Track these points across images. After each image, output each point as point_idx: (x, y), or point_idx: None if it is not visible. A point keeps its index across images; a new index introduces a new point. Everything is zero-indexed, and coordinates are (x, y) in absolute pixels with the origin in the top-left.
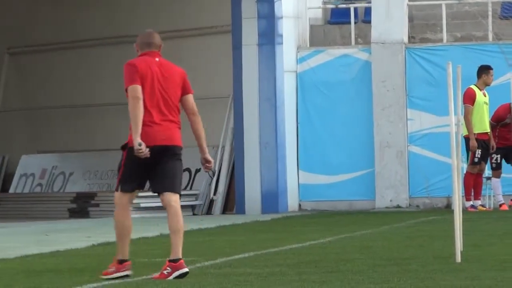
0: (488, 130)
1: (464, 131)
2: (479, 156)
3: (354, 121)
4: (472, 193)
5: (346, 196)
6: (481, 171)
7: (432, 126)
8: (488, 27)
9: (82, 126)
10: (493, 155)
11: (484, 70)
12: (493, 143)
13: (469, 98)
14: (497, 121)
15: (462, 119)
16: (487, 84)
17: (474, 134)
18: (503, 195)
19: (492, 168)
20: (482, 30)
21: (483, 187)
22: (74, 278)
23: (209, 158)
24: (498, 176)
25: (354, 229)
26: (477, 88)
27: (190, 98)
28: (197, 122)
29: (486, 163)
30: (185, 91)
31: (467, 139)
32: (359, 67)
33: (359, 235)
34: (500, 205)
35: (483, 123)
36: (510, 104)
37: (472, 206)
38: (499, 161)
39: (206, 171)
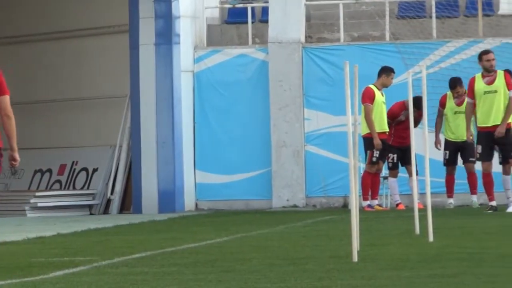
0: (387, 129)
1: (362, 131)
2: (377, 156)
3: (251, 121)
4: (370, 193)
5: (242, 195)
6: (379, 170)
7: (329, 125)
8: (385, 26)
9: None
10: (389, 155)
11: (385, 71)
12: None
13: (368, 97)
14: (392, 118)
15: (359, 118)
16: (385, 86)
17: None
18: (400, 195)
19: (389, 168)
20: (379, 29)
21: (380, 186)
22: None
23: (17, 157)
24: (395, 176)
25: (251, 228)
26: (375, 88)
27: (4, 99)
28: (9, 124)
29: (384, 162)
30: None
31: (365, 138)
32: (256, 66)
33: (255, 234)
34: (397, 205)
35: (382, 123)
36: (404, 101)
37: (369, 205)
38: (395, 161)
39: (9, 168)
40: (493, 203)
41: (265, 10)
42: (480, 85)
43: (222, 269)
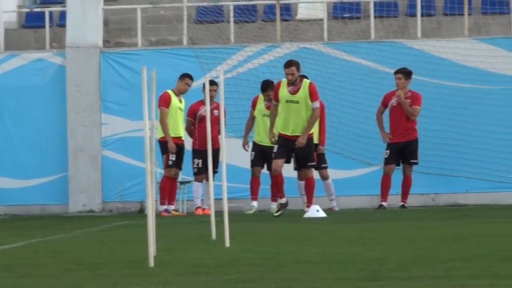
0: (182, 134)
1: (158, 134)
2: (173, 159)
3: (48, 126)
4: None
5: (39, 200)
6: (176, 175)
7: (126, 130)
8: (183, 31)
9: None
10: (195, 160)
11: (181, 78)
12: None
13: (164, 102)
14: (193, 117)
15: (157, 123)
16: (181, 92)
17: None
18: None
19: (194, 173)
20: (177, 34)
21: (177, 191)
22: None
23: None
24: (200, 181)
25: (47, 233)
26: (173, 93)
27: None
28: None
29: (180, 168)
30: None
31: (161, 142)
32: (53, 71)
33: (52, 239)
34: (196, 209)
35: (176, 128)
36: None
37: (166, 210)
38: (200, 166)
39: None
40: (283, 200)
41: (63, 14)
42: (283, 92)
43: (18, 274)
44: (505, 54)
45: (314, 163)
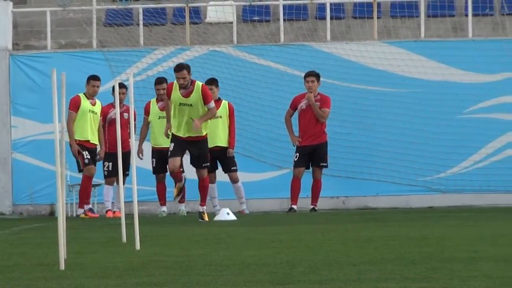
0: (89, 138)
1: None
2: (88, 157)
3: None
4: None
5: None
6: (92, 174)
7: (37, 133)
8: (92, 34)
9: None
10: (105, 163)
11: (88, 81)
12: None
13: (73, 105)
14: (104, 119)
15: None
16: (91, 95)
17: (76, 140)
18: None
19: (104, 176)
20: (87, 37)
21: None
22: None
23: None
24: (111, 184)
25: None
26: (84, 96)
27: None
28: None
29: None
30: None
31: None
32: None
33: None
34: (106, 212)
35: (84, 131)
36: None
37: (91, 210)
38: (111, 169)
39: None
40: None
41: None
42: (176, 95)
43: None
44: (414, 57)
45: (208, 164)
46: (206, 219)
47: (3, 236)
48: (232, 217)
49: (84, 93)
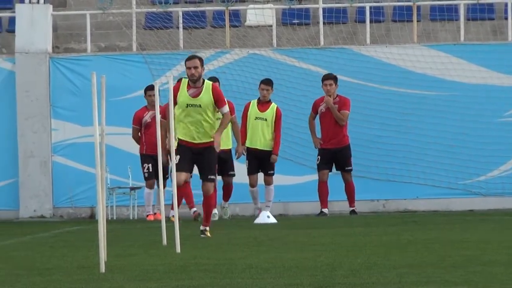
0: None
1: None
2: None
3: None
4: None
5: None
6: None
7: (76, 136)
8: (132, 37)
9: None
10: (144, 165)
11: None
12: None
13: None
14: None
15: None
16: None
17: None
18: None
19: (145, 178)
20: (127, 40)
21: (128, 197)
22: None
23: None
24: (151, 187)
25: None
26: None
27: None
28: None
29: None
30: None
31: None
32: (3, 77)
33: (1, 245)
34: (147, 215)
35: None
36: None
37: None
38: (150, 170)
39: None
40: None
41: (12, 20)
42: (183, 95)
43: None
44: (454, 60)
45: (214, 177)
46: (209, 235)
47: (43, 239)
48: (272, 220)
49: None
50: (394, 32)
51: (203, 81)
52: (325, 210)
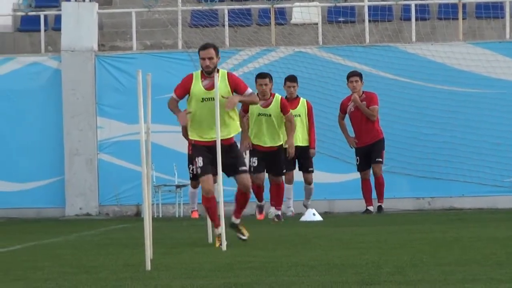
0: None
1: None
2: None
3: (43, 129)
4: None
5: (34, 203)
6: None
7: (122, 134)
8: (178, 35)
9: None
10: (190, 166)
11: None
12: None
13: None
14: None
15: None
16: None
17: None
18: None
19: (190, 178)
20: (172, 38)
21: (174, 195)
22: None
23: None
24: (195, 187)
25: (43, 237)
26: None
27: None
28: None
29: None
30: None
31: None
32: (49, 75)
33: (48, 243)
34: (192, 212)
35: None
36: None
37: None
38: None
39: None
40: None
41: (58, 18)
42: (197, 87)
43: (14, 277)
44: (500, 58)
45: (246, 168)
46: (245, 235)
47: (89, 237)
48: (318, 217)
49: None
50: (439, 30)
51: (218, 70)
52: (371, 208)
